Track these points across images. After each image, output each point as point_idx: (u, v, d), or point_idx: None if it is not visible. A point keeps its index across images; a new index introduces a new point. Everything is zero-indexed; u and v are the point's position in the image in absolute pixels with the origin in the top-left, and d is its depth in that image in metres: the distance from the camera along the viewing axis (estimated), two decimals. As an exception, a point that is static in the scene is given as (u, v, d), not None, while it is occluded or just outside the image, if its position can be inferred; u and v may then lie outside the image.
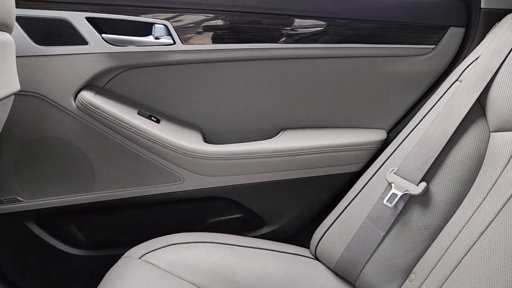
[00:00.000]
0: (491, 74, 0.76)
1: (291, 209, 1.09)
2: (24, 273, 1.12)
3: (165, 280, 0.78)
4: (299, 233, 1.12)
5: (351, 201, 0.87)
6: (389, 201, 0.79)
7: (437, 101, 0.83)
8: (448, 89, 0.82)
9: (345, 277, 0.85)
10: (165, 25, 0.91)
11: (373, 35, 0.96)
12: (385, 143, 1.02)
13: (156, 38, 0.92)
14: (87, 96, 0.92)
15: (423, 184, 0.77)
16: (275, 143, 1.01)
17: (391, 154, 0.85)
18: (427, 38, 0.97)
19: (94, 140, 0.97)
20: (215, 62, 0.97)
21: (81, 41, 0.90)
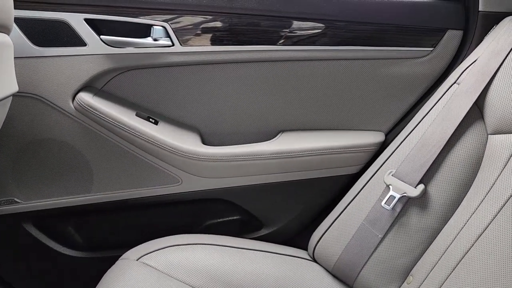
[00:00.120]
0: (489, 76, 0.76)
1: (289, 211, 1.09)
2: (21, 275, 1.11)
3: (163, 282, 0.78)
4: (297, 235, 1.11)
5: (349, 203, 0.87)
6: (387, 203, 0.79)
7: (435, 103, 0.83)
8: (446, 91, 0.83)
9: (343, 279, 0.85)
10: (164, 27, 0.91)
11: (371, 37, 0.96)
12: (383, 145, 1.02)
13: (154, 39, 0.92)
14: (85, 97, 0.92)
15: (421, 186, 0.77)
16: (273, 145, 1.01)
17: (389, 156, 0.85)
18: (425, 40, 0.97)
19: (92, 141, 0.97)
20: (213, 64, 0.97)
21: (80, 42, 0.90)
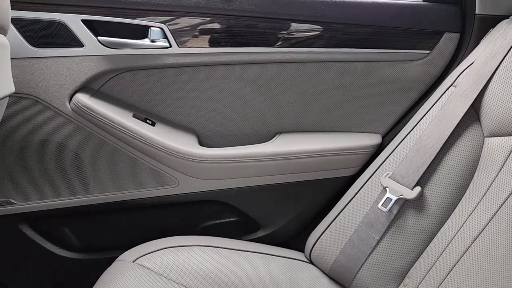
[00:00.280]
0: (485, 79, 0.76)
1: (286, 213, 1.09)
2: (17, 276, 1.11)
3: (159, 283, 0.78)
4: (294, 236, 1.11)
5: (346, 205, 0.87)
6: (383, 205, 0.79)
7: (432, 106, 0.83)
8: (442, 94, 0.83)
9: (340, 281, 0.85)
10: (161, 28, 0.91)
11: (368, 40, 0.96)
12: (380, 147, 1.02)
13: (152, 41, 0.92)
14: (82, 98, 0.92)
15: (418, 188, 0.77)
16: (270, 146, 1.01)
17: (386, 158, 0.85)
18: (422, 43, 0.97)
19: (88, 142, 0.97)
20: (211, 65, 0.97)
21: (77, 43, 0.90)
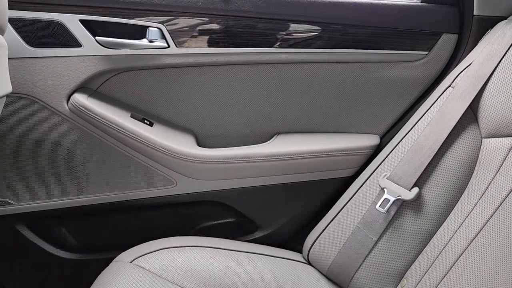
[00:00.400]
0: (483, 80, 0.76)
1: (284, 214, 1.09)
2: (14, 277, 1.10)
3: (156, 284, 0.78)
4: (291, 237, 1.11)
5: (344, 206, 0.87)
6: (381, 206, 0.79)
7: (430, 106, 0.83)
8: (441, 95, 0.83)
9: (338, 282, 0.85)
10: (160, 29, 0.91)
11: (367, 40, 0.96)
12: (378, 148, 1.02)
13: (150, 41, 0.92)
14: (80, 98, 0.92)
15: (416, 189, 0.77)
16: (268, 147, 1.01)
17: (384, 159, 0.85)
18: (421, 44, 0.97)
19: (86, 143, 0.97)
20: (209, 66, 0.97)
21: (75, 43, 0.90)
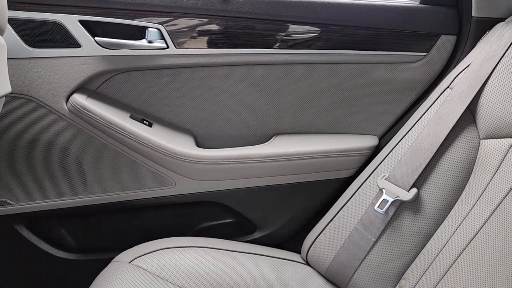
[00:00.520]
0: (481, 81, 0.76)
1: (283, 214, 1.09)
2: (13, 277, 1.10)
3: (155, 284, 0.78)
4: (290, 238, 1.11)
5: (342, 207, 0.87)
6: (380, 207, 0.79)
7: (428, 107, 0.83)
8: (439, 96, 0.83)
9: (336, 283, 0.85)
10: (159, 29, 0.91)
11: (366, 41, 0.97)
12: (377, 149, 1.02)
13: (149, 42, 0.92)
14: (79, 99, 0.92)
15: (414, 190, 0.77)
16: (267, 148, 1.01)
17: (383, 160, 0.85)
18: (419, 45, 0.97)
19: (85, 143, 0.97)
20: (208, 66, 0.97)
21: (74, 44, 0.90)
